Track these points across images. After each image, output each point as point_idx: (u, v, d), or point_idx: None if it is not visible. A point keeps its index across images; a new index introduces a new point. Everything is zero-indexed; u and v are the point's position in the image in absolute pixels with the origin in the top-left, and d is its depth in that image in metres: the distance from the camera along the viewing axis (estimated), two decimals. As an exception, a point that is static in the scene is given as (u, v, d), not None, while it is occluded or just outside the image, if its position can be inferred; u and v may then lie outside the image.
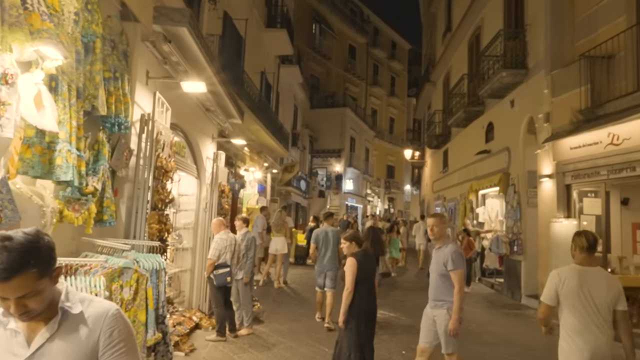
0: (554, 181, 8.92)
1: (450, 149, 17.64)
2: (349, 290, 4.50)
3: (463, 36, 15.68)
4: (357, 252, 4.76)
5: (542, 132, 9.40)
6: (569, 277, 3.30)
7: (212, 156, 7.36)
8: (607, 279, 3.28)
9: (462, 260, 4.09)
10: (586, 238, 3.36)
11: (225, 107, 6.93)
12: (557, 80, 8.96)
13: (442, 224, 4.23)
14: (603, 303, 3.19)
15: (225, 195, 7.78)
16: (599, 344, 3.15)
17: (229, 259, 6.21)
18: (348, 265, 4.58)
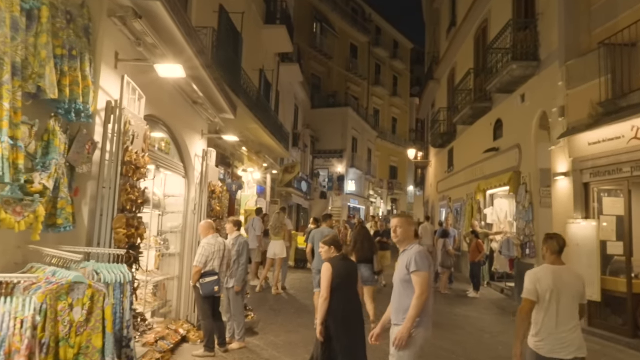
0: (570, 179, 8.30)
1: (456, 147, 17.02)
2: (324, 298, 4.20)
3: (469, 30, 15.08)
4: (334, 257, 4.46)
5: (556, 127, 8.79)
6: (544, 276, 3.67)
7: (201, 154, 6.77)
8: (575, 276, 3.79)
9: (427, 263, 3.46)
10: (557, 242, 3.77)
11: (214, 100, 6.34)
12: (573, 71, 8.34)
13: (407, 224, 3.70)
14: (573, 297, 3.63)
15: (216, 196, 7.19)
16: (570, 333, 3.55)
17: (217, 266, 5.62)
18: (323, 272, 4.30)
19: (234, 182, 13.78)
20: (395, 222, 3.70)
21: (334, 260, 4.43)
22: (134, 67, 4.20)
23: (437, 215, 20.84)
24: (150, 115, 4.93)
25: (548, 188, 9.64)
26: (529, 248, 9.83)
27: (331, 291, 4.21)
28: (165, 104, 5.32)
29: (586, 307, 3.72)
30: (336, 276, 4.25)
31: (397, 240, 3.66)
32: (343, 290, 4.27)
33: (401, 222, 3.69)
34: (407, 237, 3.66)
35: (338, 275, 4.26)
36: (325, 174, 30.29)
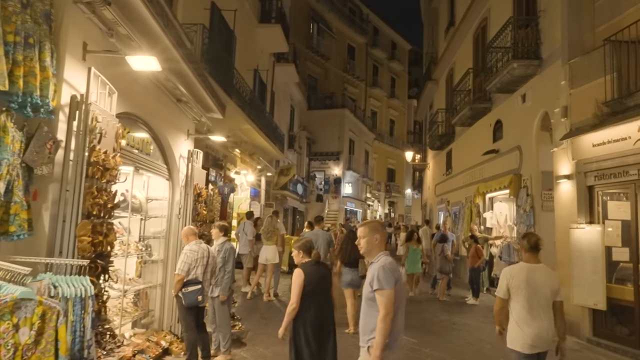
0: (574, 182, 7.98)
1: (454, 149, 16.70)
2: (293, 307, 4.04)
3: (468, 29, 14.77)
4: (305, 262, 4.27)
5: (558, 128, 8.47)
6: (518, 273, 3.86)
7: (186, 155, 6.41)
8: (549, 274, 3.96)
9: (390, 277, 3.00)
10: (528, 240, 3.95)
11: (200, 98, 5.99)
12: (577, 69, 8.03)
13: (370, 233, 3.21)
14: (545, 294, 3.78)
15: (203, 199, 6.83)
16: (541, 328, 3.72)
17: (200, 273, 5.26)
18: (294, 278, 4.12)
19: (226, 184, 13.41)
20: (360, 232, 3.27)
21: (305, 265, 4.22)
22: (106, 60, 3.84)
23: (435, 218, 20.51)
24: (125, 113, 4.58)
25: (550, 191, 9.32)
26: (530, 253, 9.48)
27: (303, 298, 4.02)
28: (144, 101, 4.97)
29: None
30: (308, 282, 4.05)
31: (363, 252, 3.25)
32: (316, 296, 4.09)
33: (364, 231, 3.24)
34: (372, 247, 3.20)
35: (310, 281, 4.06)
36: (321, 177, 29.94)
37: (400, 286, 3.09)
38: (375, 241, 3.20)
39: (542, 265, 4.01)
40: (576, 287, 7.62)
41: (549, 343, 3.80)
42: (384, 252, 3.21)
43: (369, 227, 3.26)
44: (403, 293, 3.17)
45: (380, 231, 3.25)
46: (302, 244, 4.45)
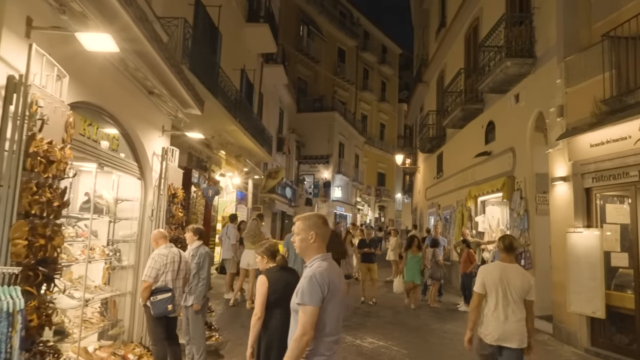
0: (570, 184, 7.64)
1: (445, 152, 16.37)
2: (258, 316, 3.63)
3: (459, 29, 14.49)
4: (270, 268, 3.91)
5: (554, 128, 8.14)
6: (493, 271, 4.09)
7: (160, 152, 5.96)
8: (522, 274, 4.09)
9: (317, 292, 2.45)
10: (503, 242, 4.19)
11: (174, 90, 5.55)
12: (573, 67, 7.71)
13: (307, 229, 2.61)
14: (517, 292, 3.94)
15: (178, 200, 6.37)
16: (509, 325, 3.90)
17: (170, 280, 4.80)
18: (257, 285, 3.73)
19: (210, 187, 12.96)
20: (295, 227, 2.72)
21: (270, 272, 3.84)
22: (58, 40, 3.39)
23: (426, 222, 20.17)
24: (85, 103, 4.12)
25: (544, 194, 8.99)
26: (524, 259, 9.14)
27: (268, 307, 3.64)
28: (108, 91, 4.51)
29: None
30: (273, 291, 3.66)
31: (297, 252, 2.72)
32: (282, 305, 3.61)
33: (298, 226, 2.66)
34: (307, 246, 2.62)
35: (275, 289, 3.67)
36: (310, 180, 29.52)
37: (334, 303, 2.51)
38: (310, 239, 2.59)
39: (516, 265, 4.20)
40: (573, 294, 7.27)
41: (517, 339, 3.94)
42: (322, 255, 2.60)
43: (304, 222, 2.64)
44: (338, 310, 2.57)
45: (318, 228, 2.62)
46: (265, 248, 4.05)
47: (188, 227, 5.63)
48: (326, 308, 2.48)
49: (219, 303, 9.34)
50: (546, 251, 8.93)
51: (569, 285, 7.36)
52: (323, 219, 2.74)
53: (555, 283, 8.02)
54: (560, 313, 7.75)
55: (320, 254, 2.62)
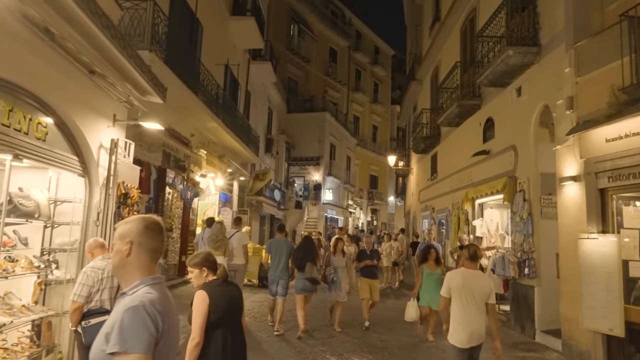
0: (582, 185, 6.82)
1: (440, 152, 15.57)
2: (196, 341, 2.99)
3: (454, 23, 13.71)
4: (210, 282, 3.29)
5: (562, 122, 7.33)
6: (456, 277, 4.46)
7: (109, 145, 5.05)
8: (482, 280, 4.50)
9: (144, 332, 1.60)
10: (467, 250, 4.56)
11: (122, 70, 4.65)
12: (584, 54, 6.91)
13: (122, 238, 1.79)
14: (479, 296, 4.30)
15: (133, 201, 5.45)
16: (475, 325, 4.26)
17: (107, 300, 3.91)
18: (195, 303, 3.13)
19: (188, 188, 12.04)
20: None
21: (210, 286, 3.23)
22: None
23: (420, 226, 19.35)
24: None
25: (550, 196, 8.19)
26: (528, 267, 8.32)
27: (208, 329, 3.04)
28: (28, 66, 3.62)
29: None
30: (214, 309, 3.09)
31: (113, 271, 2.09)
32: (225, 325, 3.12)
33: (116, 233, 1.83)
34: (123, 263, 1.78)
35: (217, 306, 3.12)
36: (300, 183, 28.62)
37: (167, 350, 1.70)
38: (125, 252, 1.75)
39: (478, 272, 4.56)
40: (587, 308, 6.42)
41: (481, 337, 4.31)
42: (152, 278, 1.76)
43: (120, 228, 1.81)
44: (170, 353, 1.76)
45: (138, 235, 1.76)
46: (202, 259, 3.34)
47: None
48: (155, 356, 1.62)
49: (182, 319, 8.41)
50: (552, 259, 8.12)
51: (581, 298, 6.52)
52: (151, 224, 1.82)
53: (564, 295, 7.19)
54: (571, 329, 6.91)
55: (149, 276, 1.76)
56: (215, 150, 14.76)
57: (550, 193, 8.17)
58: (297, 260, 7.73)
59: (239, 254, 8.64)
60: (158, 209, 10.39)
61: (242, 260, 8.70)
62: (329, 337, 7.62)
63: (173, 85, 9.53)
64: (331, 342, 7.34)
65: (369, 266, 8.48)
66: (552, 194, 8.10)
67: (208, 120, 12.45)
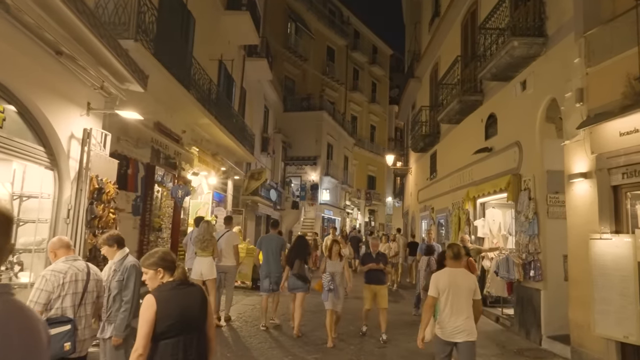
0: (593, 182, 6.40)
1: (440, 151, 15.15)
2: (138, 353, 2.57)
3: (455, 17, 13.31)
4: (163, 284, 2.83)
5: (571, 116, 6.92)
6: (443, 276, 4.62)
7: (81, 136, 4.60)
8: (467, 278, 4.64)
9: None
10: (452, 250, 4.74)
11: (95, 52, 4.21)
12: (595, 43, 6.50)
13: None
14: (465, 293, 4.49)
15: (109, 197, 5.00)
16: (461, 321, 4.42)
17: (69, 307, 3.46)
18: (142, 309, 2.69)
19: (179, 186, 11.56)
20: None
21: (161, 290, 2.78)
22: None
23: (418, 227, 18.93)
24: None
25: (557, 194, 7.78)
26: (533, 269, 7.89)
27: (156, 339, 2.61)
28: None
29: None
30: (163, 316, 2.64)
31: None
32: (177, 335, 2.66)
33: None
34: None
35: (166, 314, 2.66)
36: (297, 183, 28.16)
37: None
38: None
39: (462, 270, 4.72)
40: (599, 313, 6.00)
41: (466, 334, 4.41)
42: None
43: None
44: None
45: None
46: (157, 258, 2.90)
47: (102, 235, 4.19)
48: None
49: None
50: (559, 261, 7.72)
51: (593, 302, 6.10)
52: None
53: (574, 299, 6.76)
54: (581, 336, 6.49)
55: None
56: (209, 148, 14.31)
57: (557, 191, 7.76)
58: (289, 259, 7.77)
59: (228, 255, 8.20)
60: (146, 207, 9.94)
61: (232, 262, 8.25)
62: (323, 342, 7.16)
63: (161, 78, 9.09)
64: (326, 350, 6.90)
65: (374, 270, 7.71)
66: (559, 192, 7.69)
67: (200, 117, 11.99)
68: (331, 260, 7.35)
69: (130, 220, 9.50)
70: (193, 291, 2.90)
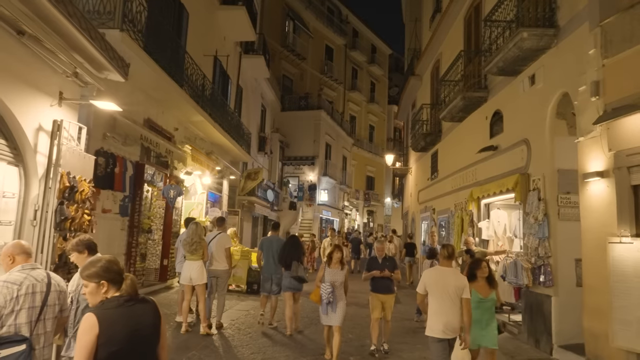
0: (611, 181, 5.95)
1: (441, 150, 14.71)
2: None
3: (457, 12, 12.86)
4: (107, 300, 2.33)
5: (585, 111, 6.47)
6: (433, 274, 4.89)
7: (51, 128, 4.14)
8: (457, 276, 4.83)
9: None
10: (446, 250, 4.95)
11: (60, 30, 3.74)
12: (613, 32, 6.06)
13: None
14: (454, 291, 4.66)
15: (83, 196, 4.53)
16: (449, 318, 4.65)
17: (24, 324, 2.98)
18: (80, 331, 2.20)
19: (171, 186, 11.10)
20: None
21: (105, 308, 2.28)
22: None
23: (418, 228, 18.48)
24: None
25: (569, 195, 7.33)
26: (543, 274, 7.44)
27: None
28: None
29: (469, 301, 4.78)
30: (106, 340, 2.16)
31: None
32: None
33: None
34: None
35: (110, 338, 2.17)
36: (295, 183, 27.69)
37: None
38: None
39: (452, 269, 4.92)
40: (618, 323, 5.56)
41: (455, 331, 4.64)
42: None
43: None
44: None
45: None
46: (99, 268, 2.40)
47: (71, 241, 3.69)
48: None
49: (167, 329, 7.49)
50: (571, 265, 7.27)
51: (611, 311, 5.67)
52: None
53: (588, 307, 6.31)
54: (598, 347, 6.03)
55: None
56: (203, 147, 13.86)
57: (569, 191, 7.31)
58: (282, 258, 7.90)
59: (220, 259, 7.73)
60: (135, 208, 9.47)
61: (224, 266, 7.78)
62: (321, 353, 6.69)
63: (150, 72, 8.65)
64: (323, 360, 6.43)
65: (381, 278, 6.77)
66: (571, 192, 7.26)
67: (193, 114, 11.55)
68: (331, 268, 6.28)
69: (118, 221, 9.04)
70: (144, 309, 2.40)
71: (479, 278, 5.29)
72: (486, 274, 5.32)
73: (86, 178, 4.63)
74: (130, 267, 9.29)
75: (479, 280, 5.28)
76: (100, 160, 7.97)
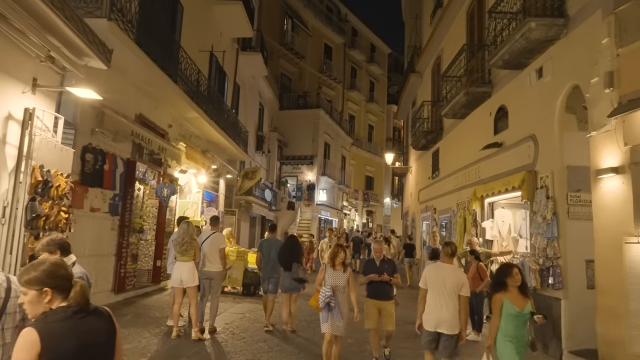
0: (627, 177, 5.61)
1: (442, 148, 14.36)
2: None
3: (460, 6, 12.53)
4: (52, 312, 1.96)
5: (598, 104, 6.13)
6: (433, 270, 5.06)
7: (21, 117, 3.78)
8: (455, 273, 5.06)
9: None
10: (450, 248, 5.17)
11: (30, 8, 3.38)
12: (628, 20, 5.72)
13: None
14: (451, 288, 4.84)
15: (60, 192, 4.17)
16: (445, 314, 4.81)
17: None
18: (17, 347, 1.85)
19: (165, 184, 10.73)
20: None
21: (48, 321, 1.92)
22: None
23: (419, 228, 18.13)
24: None
25: (579, 193, 6.99)
26: (552, 275, 7.09)
27: None
28: None
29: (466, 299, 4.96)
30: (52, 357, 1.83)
31: None
32: None
33: None
34: None
35: (55, 357, 1.84)
36: (293, 182, 27.34)
37: None
38: None
39: (451, 266, 5.16)
40: (635, 329, 5.22)
41: (449, 326, 4.82)
42: None
43: None
44: None
45: None
46: (43, 272, 2.03)
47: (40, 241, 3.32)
48: None
49: (158, 333, 7.12)
50: (581, 266, 6.92)
51: (627, 315, 5.32)
52: None
53: (602, 311, 5.95)
54: (612, 353, 5.68)
55: None
56: (198, 144, 13.49)
57: (579, 189, 6.97)
58: (282, 259, 7.84)
59: (214, 260, 7.36)
60: (126, 207, 9.10)
61: (217, 267, 7.41)
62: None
63: (141, 65, 8.30)
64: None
65: (378, 282, 6.12)
66: (581, 190, 6.91)
67: (187, 110, 11.19)
68: (334, 271, 5.60)
69: (108, 220, 8.67)
70: (97, 321, 2.04)
71: (510, 287, 4.44)
72: (519, 282, 4.46)
73: (63, 172, 4.27)
74: (121, 268, 8.93)
75: (511, 289, 4.44)
76: (88, 156, 7.62)
